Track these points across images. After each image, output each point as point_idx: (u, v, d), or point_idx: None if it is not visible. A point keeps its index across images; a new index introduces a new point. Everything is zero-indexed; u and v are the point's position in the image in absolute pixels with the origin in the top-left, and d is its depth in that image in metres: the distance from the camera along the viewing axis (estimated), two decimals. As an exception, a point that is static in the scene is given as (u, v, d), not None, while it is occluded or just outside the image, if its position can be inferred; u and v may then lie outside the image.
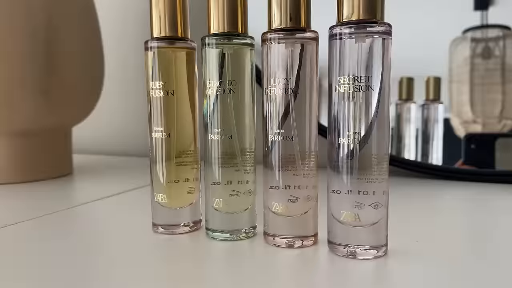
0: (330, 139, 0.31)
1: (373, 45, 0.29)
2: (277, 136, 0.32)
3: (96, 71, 0.68)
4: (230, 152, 0.34)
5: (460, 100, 0.69)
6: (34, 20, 0.56)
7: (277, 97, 0.32)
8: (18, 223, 0.41)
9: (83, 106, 0.67)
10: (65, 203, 0.49)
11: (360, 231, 0.30)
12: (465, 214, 0.46)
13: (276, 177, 0.33)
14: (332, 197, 0.31)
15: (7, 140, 0.60)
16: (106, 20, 0.82)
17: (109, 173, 0.70)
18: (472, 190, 0.55)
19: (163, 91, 0.36)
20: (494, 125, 0.67)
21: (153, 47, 0.36)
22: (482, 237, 0.36)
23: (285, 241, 0.33)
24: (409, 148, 0.71)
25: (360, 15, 0.29)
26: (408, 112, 0.71)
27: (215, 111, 0.34)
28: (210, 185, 0.35)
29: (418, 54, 0.70)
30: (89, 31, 0.66)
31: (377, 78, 0.29)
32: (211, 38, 0.34)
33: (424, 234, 0.37)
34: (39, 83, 0.58)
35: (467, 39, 0.67)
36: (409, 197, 0.53)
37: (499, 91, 0.66)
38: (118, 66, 0.91)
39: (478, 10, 0.65)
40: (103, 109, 0.86)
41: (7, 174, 0.61)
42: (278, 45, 0.32)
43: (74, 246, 0.35)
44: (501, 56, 0.66)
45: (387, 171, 0.30)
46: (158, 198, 0.37)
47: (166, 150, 0.36)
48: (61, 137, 0.67)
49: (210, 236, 0.36)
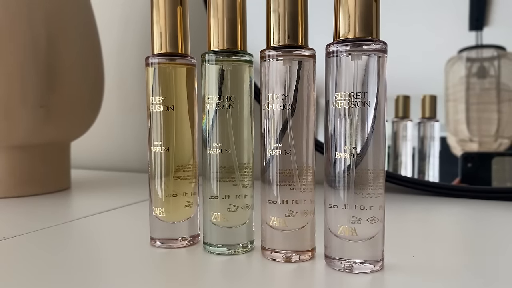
0: (327, 154, 0.31)
1: (369, 63, 0.30)
2: (275, 150, 0.33)
3: (95, 86, 0.68)
4: (229, 166, 0.35)
5: (456, 119, 0.69)
6: (35, 35, 0.57)
7: (275, 112, 0.32)
8: (16, 236, 0.41)
9: (82, 121, 0.68)
10: (63, 217, 0.49)
11: (357, 246, 0.31)
12: (461, 230, 0.46)
13: (274, 192, 0.33)
14: (329, 212, 0.32)
15: (5, 154, 0.60)
16: (106, 35, 0.84)
17: (107, 188, 0.70)
18: (469, 207, 0.56)
19: (163, 106, 0.36)
20: (490, 143, 0.67)
21: (153, 63, 0.37)
22: (479, 252, 0.37)
23: (283, 255, 0.33)
24: (406, 165, 0.72)
25: (356, 33, 0.30)
26: (404, 130, 0.71)
27: (214, 125, 0.34)
28: (208, 199, 0.35)
29: (414, 73, 0.71)
30: (90, 47, 0.67)
31: (373, 94, 0.30)
32: (211, 55, 0.34)
33: (421, 249, 0.37)
34: (39, 98, 0.58)
35: (462, 58, 0.68)
36: (406, 213, 0.53)
37: (494, 110, 0.67)
38: (117, 81, 0.92)
39: (473, 31, 0.66)
40: (102, 124, 0.87)
41: (5, 188, 0.61)
42: (276, 62, 0.32)
43: (71, 259, 0.35)
44: (496, 76, 0.67)
45: (383, 186, 0.31)
46: (156, 212, 0.37)
47: (165, 164, 0.37)
48: (60, 152, 0.67)
49: (208, 250, 0.36)
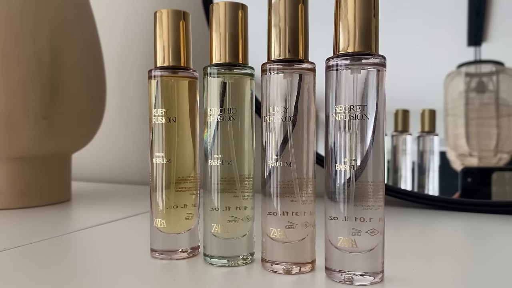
0: (327, 167, 0.32)
1: (368, 76, 0.30)
2: (276, 162, 0.33)
3: (97, 99, 0.69)
4: (229, 178, 0.35)
5: (455, 133, 0.70)
6: (39, 49, 0.58)
7: (276, 125, 0.33)
8: (16, 247, 0.41)
9: (84, 133, 0.68)
10: (63, 229, 0.49)
11: (357, 258, 0.31)
12: (461, 243, 0.46)
13: (274, 203, 0.33)
14: (329, 223, 0.32)
15: (7, 165, 0.61)
16: (109, 48, 0.84)
17: (108, 200, 0.70)
18: (468, 220, 0.56)
19: (165, 118, 0.37)
20: (490, 158, 0.67)
21: (156, 76, 0.37)
22: (478, 265, 0.37)
23: (283, 267, 0.33)
24: (406, 179, 0.72)
25: (355, 47, 0.30)
26: (404, 144, 0.72)
27: (215, 137, 0.35)
28: (209, 211, 0.36)
29: (414, 87, 0.71)
30: (92, 59, 0.68)
31: (372, 107, 0.30)
32: (213, 68, 0.35)
33: (421, 261, 0.37)
34: (41, 110, 0.59)
35: (461, 73, 0.69)
36: (406, 225, 0.53)
37: (494, 125, 0.68)
38: (118, 94, 0.93)
39: (472, 46, 0.67)
40: (103, 137, 0.87)
41: (6, 199, 0.61)
42: (277, 75, 0.33)
43: (71, 271, 0.35)
44: (495, 91, 0.68)
45: (383, 199, 0.31)
46: (157, 223, 0.37)
47: (166, 175, 0.37)
48: (61, 163, 0.67)
49: (208, 262, 0.36)
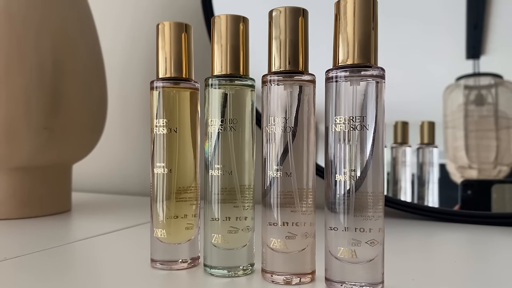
0: (327, 179, 0.32)
1: (367, 88, 0.31)
2: (276, 172, 0.33)
3: (99, 109, 0.69)
4: (230, 188, 0.35)
5: (455, 146, 0.70)
6: (41, 60, 0.59)
7: (276, 135, 0.33)
8: (17, 257, 0.41)
9: (85, 144, 0.68)
10: (64, 239, 0.49)
11: (357, 268, 0.31)
12: (461, 254, 0.46)
13: (274, 214, 0.33)
14: (329, 234, 0.32)
15: (7, 175, 0.61)
16: (110, 60, 0.85)
17: (108, 210, 0.70)
18: (468, 231, 0.56)
19: (167, 128, 0.37)
20: (489, 171, 0.68)
21: (158, 87, 0.38)
22: (478, 277, 0.37)
23: (283, 278, 0.33)
24: (405, 191, 0.72)
25: (355, 59, 0.31)
26: (403, 156, 0.72)
27: (216, 148, 0.35)
28: (209, 221, 0.36)
29: (413, 100, 0.72)
30: (94, 71, 0.68)
31: (371, 118, 0.31)
32: (214, 79, 0.35)
33: (420, 272, 0.37)
34: (43, 120, 0.59)
35: (460, 86, 0.69)
36: (406, 236, 0.53)
37: (493, 137, 0.68)
38: (119, 105, 0.94)
39: (470, 59, 0.68)
40: (104, 147, 0.88)
41: (6, 209, 0.61)
42: (278, 86, 0.33)
43: (71, 281, 0.35)
44: (494, 103, 0.68)
45: (383, 209, 0.31)
46: (157, 233, 0.38)
47: (167, 185, 0.37)
48: (61, 174, 0.68)
49: (208, 272, 0.36)
